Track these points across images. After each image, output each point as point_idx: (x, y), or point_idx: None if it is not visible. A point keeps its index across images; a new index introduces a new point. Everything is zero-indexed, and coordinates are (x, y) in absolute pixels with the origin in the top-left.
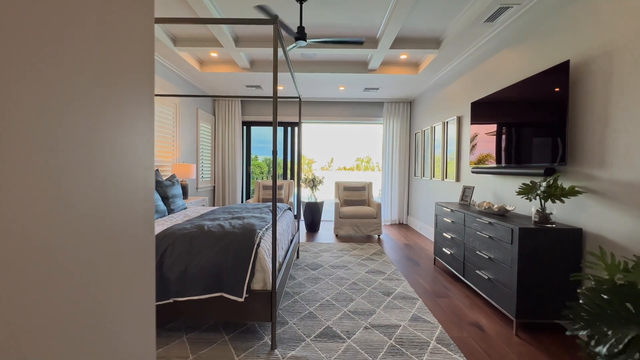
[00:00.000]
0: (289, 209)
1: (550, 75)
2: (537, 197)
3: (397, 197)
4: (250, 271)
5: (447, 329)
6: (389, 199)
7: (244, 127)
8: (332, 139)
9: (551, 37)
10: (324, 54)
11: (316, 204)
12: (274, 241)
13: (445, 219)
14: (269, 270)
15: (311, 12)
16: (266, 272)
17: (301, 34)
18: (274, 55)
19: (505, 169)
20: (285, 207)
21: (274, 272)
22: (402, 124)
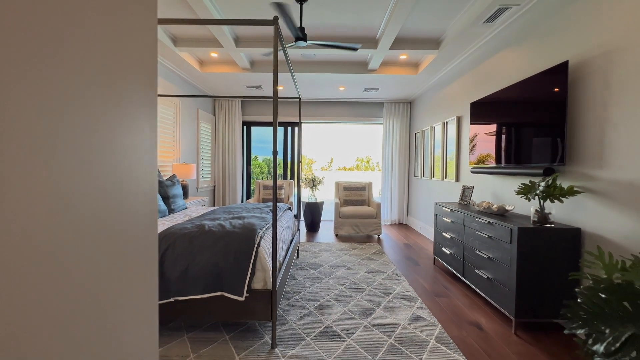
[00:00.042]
0: (289, 209)
1: (549, 75)
2: (536, 197)
3: (397, 197)
4: (250, 270)
5: (447, 328)
6: (389, 199)
7: (244, 127)
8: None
9: (550, 37)
10: (324, 55)
11: (316, 204)
12: (274, 241)
13: (444, 219)
14: (269, 269)
15: (311, 13)
16: (266, 271)
17: (301, 34)
18: (274, 55)
19: (504, 169)
20: (285, 207)
21: (274, 271)
22: (402, 124)
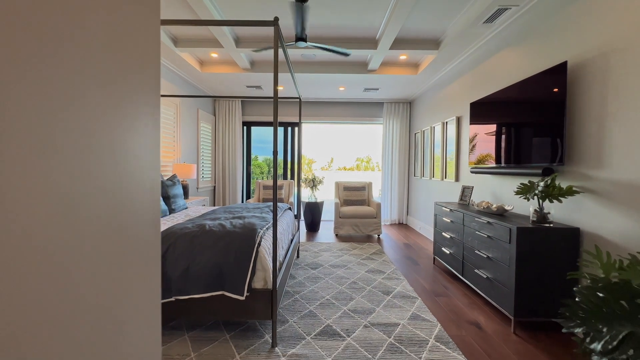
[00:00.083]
0: (289, 209)
1: (548, 75)
2: (535, 196)
3: (397, 197)
4: (251, 270)
5: (446, 327)
6: (389, 198)
7: (244, 127)
8: (332, 139)
9: (550, 37)
10: (324, 55)
11: (316, 204)
12: (274, 240)
13: (444, 219)
14: (270, 269)
15: (311, 13)
16: (267, 271)
17: (303, 35)
18: (275, 55)
19: (504, 169)
20: (285, 207)
21: (275, 271)
22: (401, 124)
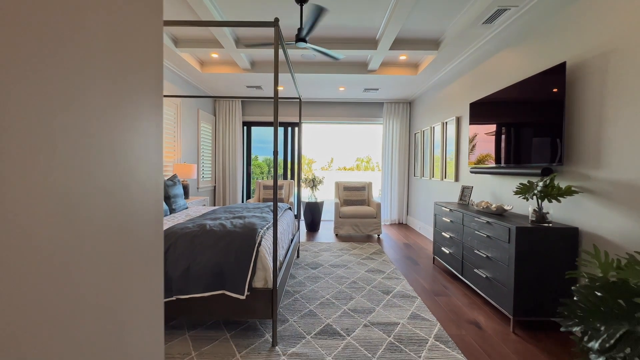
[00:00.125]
0: (289, 209)
1: (547, 76)
2: (534, 196)
3: (397, 197)
4: (251, 269)
5: (446, 326)
6: (389, 198)
7: (245, 128)
8: (332, 139)
9: (549, 38)
10: (324, 55)
11: (316, 204)
12: (274, 240)
13: (444, 219)
14: (270, 268)
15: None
16: (267, 270)
17: (304, 36)
18: (275, 56)
19: (503, 169)
20: (285, 207)
21: (275, 270)
22: (401, 124)
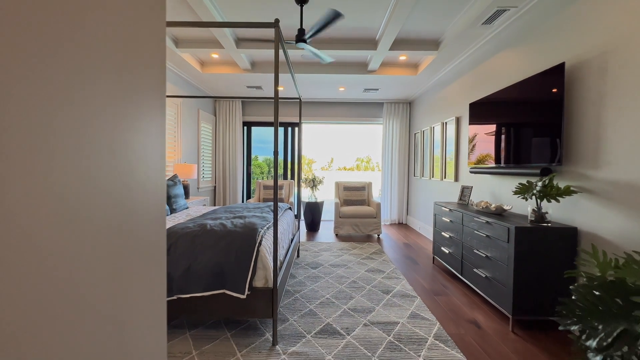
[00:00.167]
0: (290, 209)
1: (546, 76)
2: (533, 196)
3: (397, 197)
4: (252, 269)
5: (445, 326)
6: (389, 198)
7: (245, 128)
8: (332, 139)
9: (548, 38)
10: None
11: (316, 204)
12: (275, 240)
13: (443, 219)
14: (270, 268)
15: (312, 14)
16: (267, 269)
17: (304, 36)
18: (275, 56)
19: (503, 169)
20: (285, 207)
21: (275, 270)
22: (401, 124)
